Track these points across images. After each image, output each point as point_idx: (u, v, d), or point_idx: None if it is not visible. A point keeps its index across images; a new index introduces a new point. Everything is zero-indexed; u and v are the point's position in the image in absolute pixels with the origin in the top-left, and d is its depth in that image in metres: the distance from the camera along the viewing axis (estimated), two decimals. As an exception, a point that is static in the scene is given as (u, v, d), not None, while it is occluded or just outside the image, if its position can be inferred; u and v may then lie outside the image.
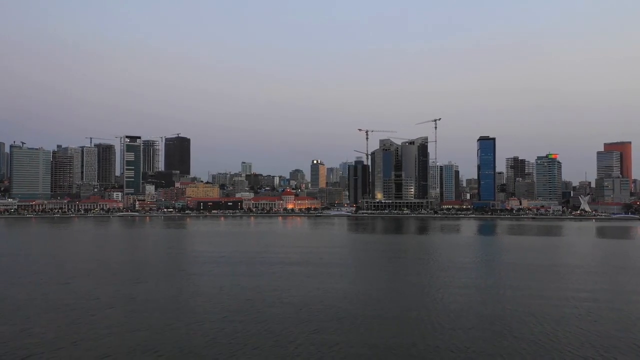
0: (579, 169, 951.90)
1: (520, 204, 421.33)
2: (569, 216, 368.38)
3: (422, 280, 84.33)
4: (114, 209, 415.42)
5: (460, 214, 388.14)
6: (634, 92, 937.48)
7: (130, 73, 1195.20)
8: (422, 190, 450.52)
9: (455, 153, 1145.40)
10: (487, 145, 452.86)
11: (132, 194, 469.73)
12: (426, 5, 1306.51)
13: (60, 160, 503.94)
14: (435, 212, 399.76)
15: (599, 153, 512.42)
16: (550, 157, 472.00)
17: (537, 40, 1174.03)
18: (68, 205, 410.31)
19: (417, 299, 69.15)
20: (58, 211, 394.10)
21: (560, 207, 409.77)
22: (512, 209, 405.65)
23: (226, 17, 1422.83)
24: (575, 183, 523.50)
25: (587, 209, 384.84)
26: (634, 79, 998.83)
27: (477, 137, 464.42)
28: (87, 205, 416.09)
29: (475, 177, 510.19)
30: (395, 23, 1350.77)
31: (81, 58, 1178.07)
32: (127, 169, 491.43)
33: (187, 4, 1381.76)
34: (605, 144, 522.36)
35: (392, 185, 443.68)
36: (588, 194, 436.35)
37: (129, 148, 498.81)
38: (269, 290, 75.24)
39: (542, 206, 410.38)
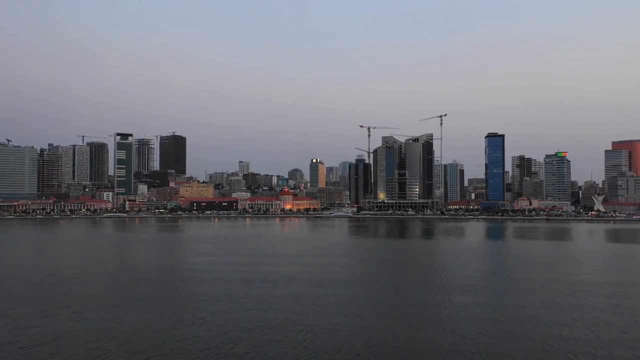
0: (584, 168, 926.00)
1: (530, 204, 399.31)
2: (585, 217, 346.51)
3: (442, 312, 61.97)
4: (101, 209, 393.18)
5: (468, 215, 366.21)
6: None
7: (125, 71, 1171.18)
8: (427, 190, 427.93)
9: (457, 151, 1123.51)
10: (495, 142, 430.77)
11: (123, 193, 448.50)
12: (430, 2, 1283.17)
13: (48, 159, 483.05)
14: (442, 213, 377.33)
15: (607, 151, 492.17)
16: (559, 155, 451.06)
17: (543, 38, 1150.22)
18: (52, 206, 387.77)
19: (437, 341, 47.27)
20: (41, 212, 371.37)
21: (573, 208, 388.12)
22: (523, 210, 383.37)
23: (224, 16, 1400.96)
24: (581, 182, 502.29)
25: (602, 209, 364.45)
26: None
27: (482, 135, 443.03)
28: (73, 205, 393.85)
29: (479, 176, 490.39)
30: (399, 21, 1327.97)
31: (77, 55, 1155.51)
32: (118, 168, 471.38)
33: (185, 2, 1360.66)
34: (613, 142, 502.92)
35: (395, 184, 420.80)
36: (602, 194, 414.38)
37: (121, 146, 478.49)
38: (241, 328, 53.48)
39: (554, 206, 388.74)
